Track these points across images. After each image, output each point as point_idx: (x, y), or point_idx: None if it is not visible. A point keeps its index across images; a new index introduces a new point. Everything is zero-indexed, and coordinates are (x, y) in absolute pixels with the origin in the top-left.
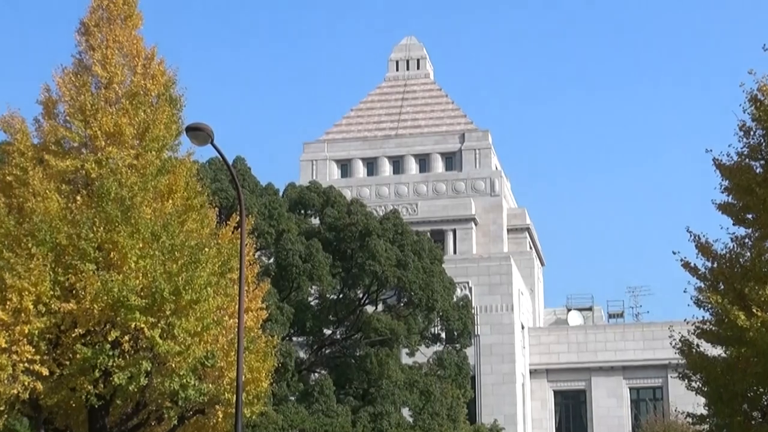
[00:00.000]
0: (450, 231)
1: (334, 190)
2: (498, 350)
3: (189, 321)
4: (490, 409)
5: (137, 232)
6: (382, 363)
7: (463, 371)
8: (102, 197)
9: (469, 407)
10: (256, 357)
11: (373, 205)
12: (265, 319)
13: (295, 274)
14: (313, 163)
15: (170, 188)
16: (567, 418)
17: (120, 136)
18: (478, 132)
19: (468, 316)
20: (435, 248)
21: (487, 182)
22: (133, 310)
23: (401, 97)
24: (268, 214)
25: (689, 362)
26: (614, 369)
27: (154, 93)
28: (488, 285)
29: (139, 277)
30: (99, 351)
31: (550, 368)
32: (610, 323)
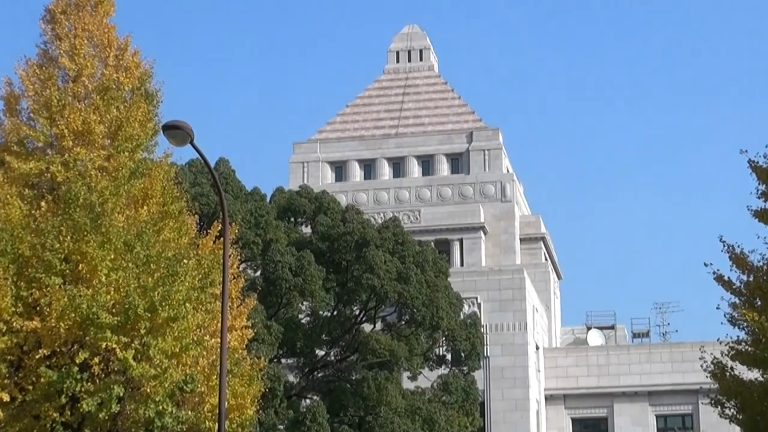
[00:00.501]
0: (456, 241)
1: (327, 195)
2: (510, 373)
3: (166, 341)
4: None
5: (108, 242)
6: (380, 388)
7: (471, 397)
8: (69, 203)
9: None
10: (241, 381)
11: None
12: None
13: (284, 289)
14: (304, 165)
15: (145, 193)
16: None
17: (89, 135)
18: (488, 131)
19: (476, 335)
20: (440, 260)
21: (498, 186)
22: (104, 329)
23: (402, 92)
24: (254, 221)
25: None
26: (639, 394)
27: (127, 87)
28: (499, 301)
29: (110, 292)
30: (66, 374)
31: (568, 393)
32: (635, 343)
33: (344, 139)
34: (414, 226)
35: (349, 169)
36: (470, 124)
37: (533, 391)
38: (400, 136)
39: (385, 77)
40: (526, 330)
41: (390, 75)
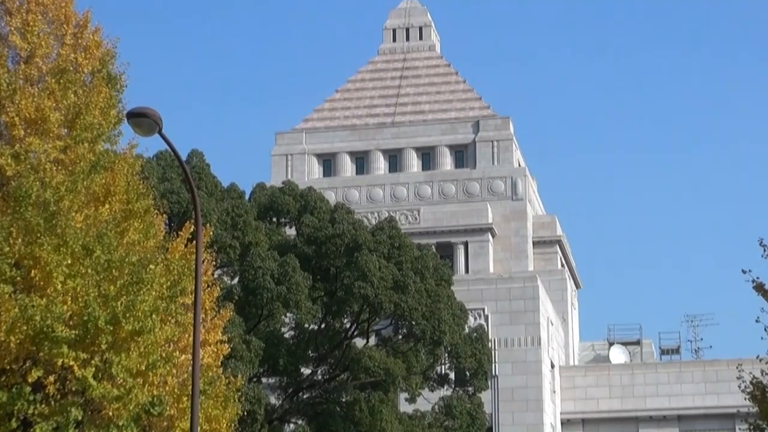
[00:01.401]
0: (461, 244)
1: (314, 192)
2: (521, 395)
3: (130, 357)
4: None
5: (64, 245)
6: (374, 411)
7: (478, 422)
8: (20, 201)
9: None
10: (215, 403)
11: (364, 211)
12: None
13: (265, 299)
14: (288, 158)
15: (107, 189)
16: None
17: (43, 124)
18: (497, 119)
19: (483, 351)
20: (442, 266)
21: (508, 182)
22: (60, 344)
23: (399, 75)
24: (230, 222)
25: (762, 410)
26: (668, 419)
27: (87, 69)
28: (509, 312)
29: (66, 302)
30: (17, 395)
31: (588, 418)
32: (663, 361)
33: (333, 128)
34: (413, 227)
35: (338, 163)
36: (476, 112)
37: (548, 416)
38: (396, 126)
39: (380, 58)
40: (539, 345)
41: (386, 56)
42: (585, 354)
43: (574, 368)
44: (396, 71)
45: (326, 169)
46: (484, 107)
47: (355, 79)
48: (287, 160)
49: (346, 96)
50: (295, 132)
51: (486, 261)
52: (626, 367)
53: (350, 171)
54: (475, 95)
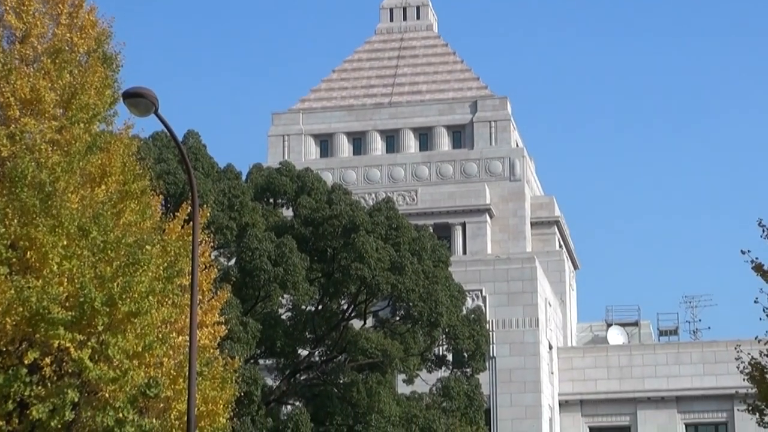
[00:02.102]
0: (458, 225)
1: (311, 173)
2: (519, 376)
3: (126, 339)
4: None
5: (60, 226)
6: (371, 393)
7: (475, 403)
8: (16, 181)
9: None
10: (212, 384)
11: (361, 192)
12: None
13: (262, 281)
14: (284, 138)
15: (103, 170)
16: None
17: (39, 104)
18: (494, 99)
19: (481, 333)
20: (439, 247)
21: (506, 163)
22: (56, 325)
23: (397, 55)
24: (227, 203)
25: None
26: (666, 400)
27: (82, 49)
28: (507, 294)
29: (62, 283)
30: (13, 377)
31: (585, 399)
32: (661, 342)
33: (330, 108)
34: (410, 208)
35: (335, 143)
36: (474, 92)
37: (546, 397)
38: (394, 106)
39: (377, 38)
40: (537, 327)
41: (383, 36)
42: (583, 335)
43: (572, 349)
44: (393, 51)
45: (323, 150)
46: (481, 87)
47: (353, 59)
48: (284, 140)
49: (343, 76)
50: (291, 112)
51: (484, 242)
52: (624, 348)
53: (347, 152)
54: (472, 75)
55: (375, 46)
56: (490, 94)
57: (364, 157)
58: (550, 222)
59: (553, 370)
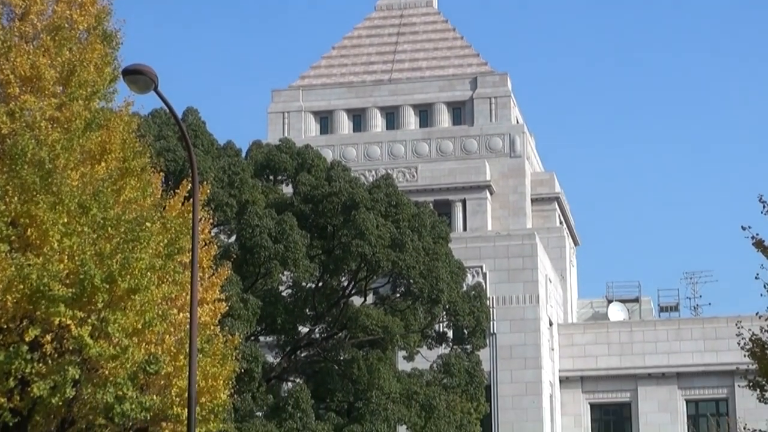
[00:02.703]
0: (458, 202)
1: (311, 150)
2: (520, 353)
3: (127, 316)
4: (510, 427)
5: (60, 203)
6: (372, 369)
7: (476, 379)
8: (16, 159)
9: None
10: (213, 361)
11: (361, 168)
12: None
13: (263, 258)
14: (284, 115)
15: (103, 147)
16: None
17: (38, 81)
18: (495, 76)
19: (481, 309)
20: (439, 224)
21: (506, 139)
22: (57, 302)
23: (397, 32)
24: (227, 180)
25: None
26: (667, 376)
27: (82, 27)
28: (507, 270)
29: (63, 261)
30: (14, 354)
31: (586, 375)
32: (662, 318)
33: (330, 85)
34: (410, 184)
35: (335, 120)
36: (474, 69)
37: (546, 373)
38: (394, 82)
39: (376, 15)
40: (538, 303)
41: (382, 12)
42: (583, 311)
43: (573, 326)
44: (393, 27)
45: (323, 127)
46: (482, 63)
47: (352, 35)
48: (284, 117)
49: (343, 53)
50: (291, 89)
51: (484, 218)
52: (625, 325)
53: (347, 128)
54: (472, 51)
55: (375, 22)
56: (490, 70)
57: (364, 133)
58: (550, 198)
59: (553, 346)
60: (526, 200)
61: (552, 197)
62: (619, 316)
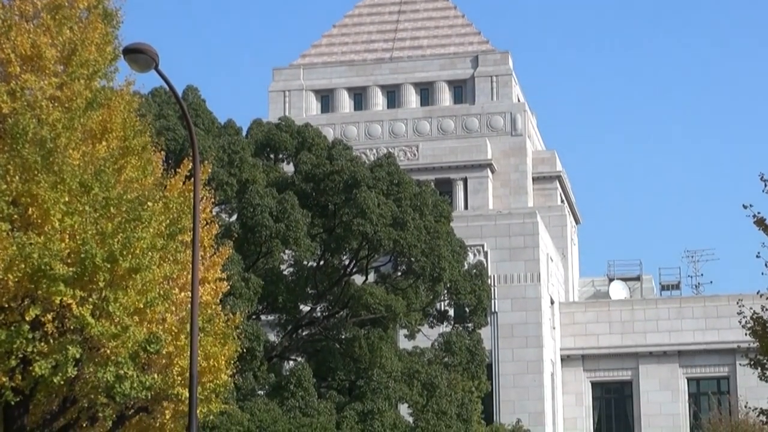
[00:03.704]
0: (460, 180)
1: (311, 128)
2: (521, 331)
3: (128, 295)
4: (511, 406)
5: (62, 183)
6: (373, 348)
7: (477, 358)
8: (17, 138)
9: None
10: (214, 340)
11: (363, 147)
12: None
13: (264, 237)
14: (285, 94)
15: (104, 126)
16: (608, 417)
17: (39, 60)
18: (496, 54)
19: (483, 288)
20: (441, 202)
21: (507, 118)
22: (58, 282)
23: (398, 10)
24: (228, 159)
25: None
26: (668, 354)
27: (82, 5)
28: (508, 249)
29: (64, 240)
30: (15, 333)
31: (587, 354)
32: (663, 297)
33: (331, 64)
34: (411, 163)
35: (337, 99)
36: (475, 47)
37: (548, 351)
38: (395, 61)
39: None
40: (539, 282)
41: None
42: (585, 290)
43: (574, 304)
44: (394, 5)
45: (324, 106)
46: (483, 42)
47: (353, 14)
48: (285, 96)
49: (344, 31)
50: (292, 68)
51: (485, 197)
52: (626, 303)
53: (348, 107)
54: (474, 30)
55: (376, 0)
56: (491, 48)
57: (365, 112)
58: (551, 177)
59: (554, 325)
60: (527, 179)
61: (553, 176)
62: (621, 294)
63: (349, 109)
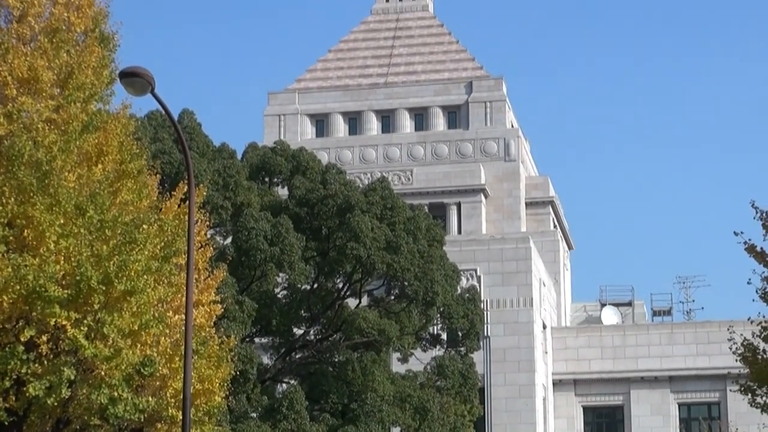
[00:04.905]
0: (453, 205)
1: (306, 152)
2: (513, 355)
3: (122, 317)
4: (504, 430)
5: (57, 205)
6: (366, 371)
7: (470, 382)
8: (13, 160)
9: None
10: (208, 363)
11: (357, 171)
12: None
13: (258, 260)
14: (280, 118)
15: (100, 149)
16: None
17: (36, 83)
18: (490, 80)
19: (475, 312)
20: (434, 227)
21: (501, 143)
22: (53, 303)
23: (392, 36)
24: (222, 183)
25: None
26: (659, 380)
27: (79, 29)
28: (501, 273)
29: (59, 262)
30: (10, 354)
31: (579, 379)
32: (655, 322)
33: (326, 88)
34: (405, 187)
35: (331, 123)
36: (469, 73)
37: (540, 376)
38: (389, 86)
39: (372, 18)
40: (531, 306)
41: (378, 16)
42: (577, 315)
43: (566, 329)
44: (389, 31)
45: (319, 130)
46: (477, 68)
47: (348, 39)
48: (280, 120)
49: (339, 56)
50: (287, 92)
51: (478, 222)
52: (618, 329)
53: (343, 131)
54: (468, 56)
55: (371, 26)
56: (485, 74)
57: (360, 136)
58: (544, 202)
59: (547, 349)
60: (520, 204)
61: (546, 201)
62: (613, 319)
63: (344, 133)
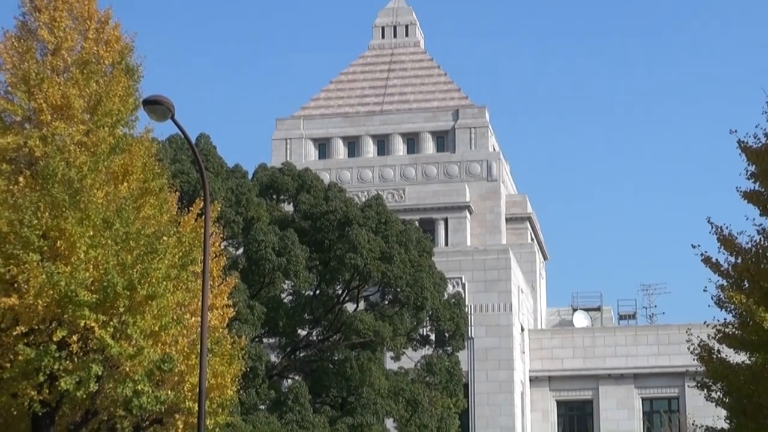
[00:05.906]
0: (441, 220)
1: (310, 172)
2: (494, 355)
3: (145, 319)
4: (485, 421)
5: (87, 219)
6: (363, 368)
7: (455, 378)
8: (47, 178)
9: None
10: (221, 360)
11: (355, 189)
12: (231, 318)
13: (267, 269)
14: (287, 142)
15: (125, 169)
16: None
17: (68, 110)
18: (474, 108)
19: (461, 315)
20: (424, 239)
21: (484, 165)
22: (82, 307)
23: (387, 69)
24: (235, 199)
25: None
26: (625, 377)
27: (107, 61)
28: (484, 281)
29: (89, 269)
30: (43, 352)
31: (553, 375)
32: (621, 325)
33: (328, 115)
34: (398, 204)
35: (332, 147)
36: (456, 102)
37: (518, 373)
38: (384, 113)
39: (370, 53)
40: (511, 311)
41: (375, 51)
42: (551, 319)
43: (542, 331)
44: (384, 65)
45: (321, 152)
46: (462, 97)
47: (348, 71)
48: (286, 143)
49: (340, 87)
50: (293, 119)
51: (464, 235)
52: (588, 331)
53: (343, 154)
54: (455, 86)
55: (368, 60)
56: (470, 103)
57: (358, 159)
58: (522, 218)
59: (524, 349)
60: (501, 219)
61: (524, 217)
62: (583, 323)
63: (344, 155)
